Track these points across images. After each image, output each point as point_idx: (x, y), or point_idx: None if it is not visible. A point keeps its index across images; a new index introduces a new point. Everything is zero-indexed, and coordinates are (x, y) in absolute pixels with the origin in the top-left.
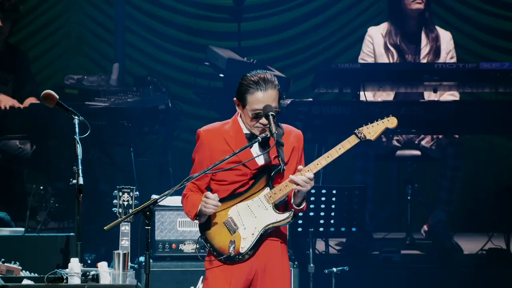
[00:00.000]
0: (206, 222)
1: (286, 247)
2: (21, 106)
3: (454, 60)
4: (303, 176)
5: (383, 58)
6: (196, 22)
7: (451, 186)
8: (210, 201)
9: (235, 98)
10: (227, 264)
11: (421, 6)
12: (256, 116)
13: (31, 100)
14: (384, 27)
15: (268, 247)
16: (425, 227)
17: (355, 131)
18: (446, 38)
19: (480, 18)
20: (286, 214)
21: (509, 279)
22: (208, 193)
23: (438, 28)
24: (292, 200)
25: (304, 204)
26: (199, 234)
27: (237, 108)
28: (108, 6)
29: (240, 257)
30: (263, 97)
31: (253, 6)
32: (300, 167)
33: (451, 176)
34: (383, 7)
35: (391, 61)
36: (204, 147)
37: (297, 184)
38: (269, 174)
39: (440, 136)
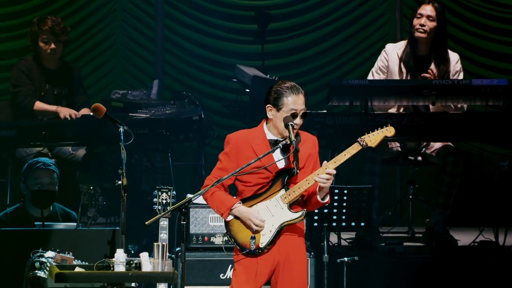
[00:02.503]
0: (230, 220)
1: (303, 240)
2: (78, 115)
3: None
4: (322, 175)
5: (395, 76)
6: (225, 44)
7: (449, 192)
8: (258, 228)
9: (268, 105)
10: (250, 257)
11: (423, 35)
12: (293, 116)
13: (85, 111)
14: (400, 46)
15: (288, 241)
16: None
17: (358, 140)
18: (454, 60)
19: (471, 40)
20: (299, 213)
21: (497, 267)
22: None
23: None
24: (317, 196)
25: (328, 198)
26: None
27: (268, 113)
28: (149, 30)
29: (260, 251)
30: (297, 99)
31: (275, 30)
32: (324, 162)
33: (449, 182)
34: (388, 31)
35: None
36: (232, 152)
37: (320, 181)
38: (285, 177)
39: (440, 146)
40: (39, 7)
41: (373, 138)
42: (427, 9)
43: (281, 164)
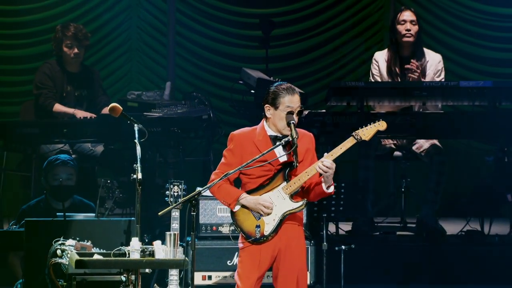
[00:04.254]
0: (236, 211)
1: (302, 228)
2: (93, 116)
3: (441, 78)
4: (320, 165)
5: (387, 79)
6: (232, 48)
7: (436, 189)
8: (268, 210)
9: (266, 105)
10: (255, 245)
11: (411, 39)
12: (289, 113)
13: (104, 111)
14: (386, 53)
15: (288, 229)
16: None
17: (352, 134)
18: (436, 60)
19: (459, 45)
20: (300, 203)
21: (482, 254)
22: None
23: (429, 51)
24: (323, 186)
25: (332, 189)
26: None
27: (267, 112)
28: (162, 36)
29: (264, 238)
30: (293, 98)
31: (278, 36)
32: (325, 154)
33: (436, 180)
34: (382, 36)
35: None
36: (236, 148)
37: (323, 171)
38: (285, 170)
39: (428, 146)
40: (60, 15)
41: (366, 132)
42: (408, 15)
43: (282, 158)
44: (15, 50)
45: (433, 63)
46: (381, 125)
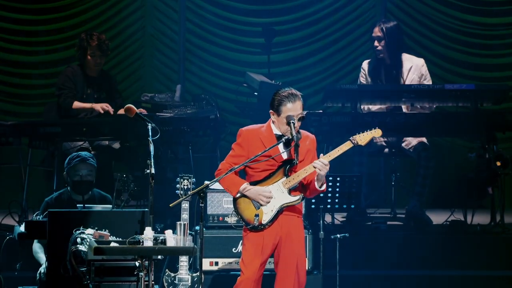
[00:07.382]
0: (238, 199)
1: (302, 219)
2: (111, 110)
3: (428, 80)
4: (317, 162)
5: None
6: (237, 54)
7: (423, 182)
8: (267, 200)
9: (271, 110)
10: (253, 232)
11: (378, 55)
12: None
13: (122, 111)
14: (372, 60)
15: (289, 220)
16: None
17: (350, 138)
18: (419, 64)
19: (444, 52)
20: (297, 197)
21: (465, 242)
22: (268, 194)
23: (412, 57)
24: (315, 183)
25: (324, 187)
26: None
27: (272, 117)
28: (173, 43)
29: (262, 227)
30: (293, 106)
31: (279, 43)
32: (321, 155)
33: (423, 174)
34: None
35: None
36: (244, 142)
37: (316, 168)
38: (286, 167)
39: (416, 143)
40: (79, 24)
41: (363, 138)
42: (376, 31)
43: (284, 156)
44: (39, 56)
45: (417, 68)
46: (377, 133)
